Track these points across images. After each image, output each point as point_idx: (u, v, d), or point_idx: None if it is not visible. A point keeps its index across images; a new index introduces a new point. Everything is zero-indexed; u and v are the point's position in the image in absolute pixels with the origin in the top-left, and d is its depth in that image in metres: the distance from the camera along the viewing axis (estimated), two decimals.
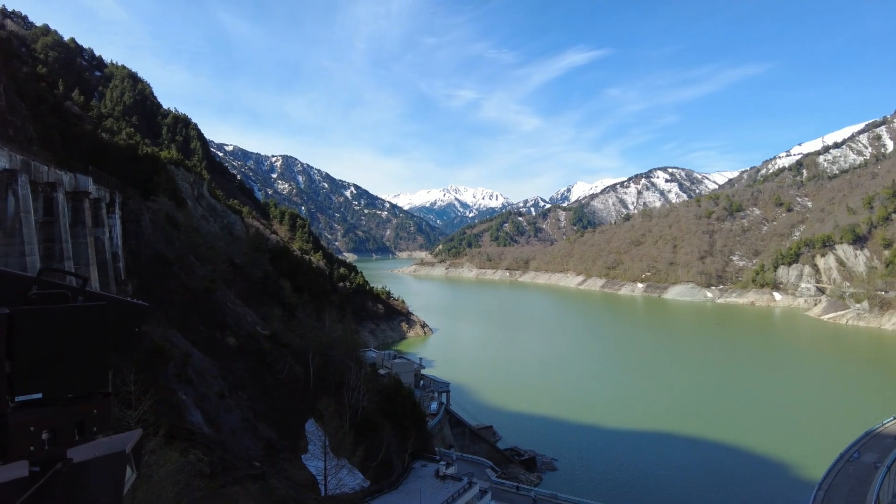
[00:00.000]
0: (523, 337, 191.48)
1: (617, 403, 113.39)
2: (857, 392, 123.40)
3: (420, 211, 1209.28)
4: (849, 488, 43.13)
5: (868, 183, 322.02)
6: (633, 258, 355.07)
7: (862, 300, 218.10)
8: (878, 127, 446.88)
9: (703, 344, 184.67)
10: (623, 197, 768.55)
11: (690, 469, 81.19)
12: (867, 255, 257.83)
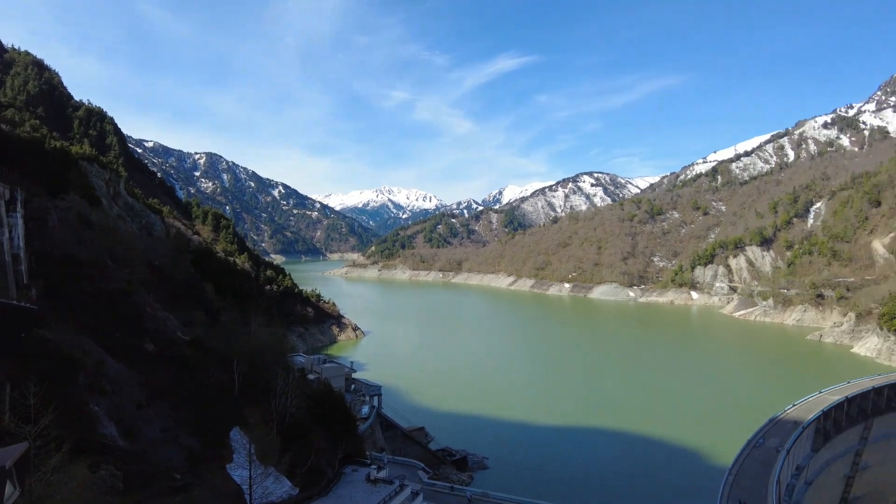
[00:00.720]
0: (456, 338, 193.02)
1: (545, 400, 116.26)
2: (763, 382, 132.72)
3: (352, 212, 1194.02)
4: (755, 471, 46.17)
5: (773, 189, 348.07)
6: (560, 259, 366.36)
7: (768, 298, 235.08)
8: (782, 138, 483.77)
9: (626, 341, 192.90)
10: (552, 200, 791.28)
11: (614, 460, 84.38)
12: (773, 256, 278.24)
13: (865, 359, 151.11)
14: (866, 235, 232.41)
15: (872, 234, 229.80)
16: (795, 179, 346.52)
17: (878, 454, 68.24)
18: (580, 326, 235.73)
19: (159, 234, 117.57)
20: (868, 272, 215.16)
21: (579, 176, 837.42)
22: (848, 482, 65.70)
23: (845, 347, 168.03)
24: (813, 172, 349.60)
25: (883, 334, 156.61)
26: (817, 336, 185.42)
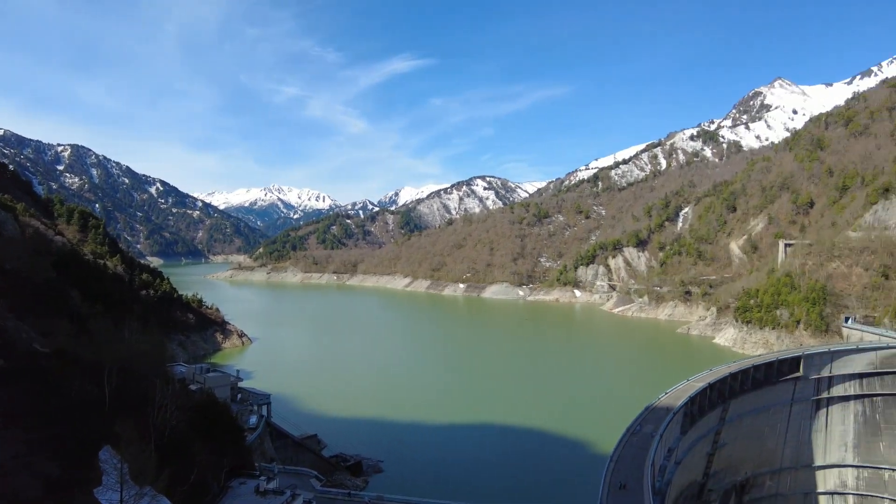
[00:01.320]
0: (349, 341, 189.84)
1: (439, 398, 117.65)
2: (641, 372, 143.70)
3: (238, 211, 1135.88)
4: (633, 456, 49.50)
5: (648, 195, 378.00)
6: (455, 260, 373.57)
7: (643, 295, 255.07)
8: (656, 148, 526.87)
9: (516, 338, 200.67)
10: (447, 202, 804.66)
11: (505, 454, 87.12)
12: (647, 256, 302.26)
13: (724, 348, 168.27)
14: (725, 237, 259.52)
15: (730, 237, 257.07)
16: (667, 186, 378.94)
17: (732, 432, 76.18)
18: (473, 325, 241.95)
19: (12, 234, 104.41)
20: (727, 270, 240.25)
21: (473, 179, 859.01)
22: (709, 459, 72.68)
23: (708, 338, 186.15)
24: (682, 180, 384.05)
25: (738, 326, 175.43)
26: (686, 329, 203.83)
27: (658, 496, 46.58)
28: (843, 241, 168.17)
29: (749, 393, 78.39)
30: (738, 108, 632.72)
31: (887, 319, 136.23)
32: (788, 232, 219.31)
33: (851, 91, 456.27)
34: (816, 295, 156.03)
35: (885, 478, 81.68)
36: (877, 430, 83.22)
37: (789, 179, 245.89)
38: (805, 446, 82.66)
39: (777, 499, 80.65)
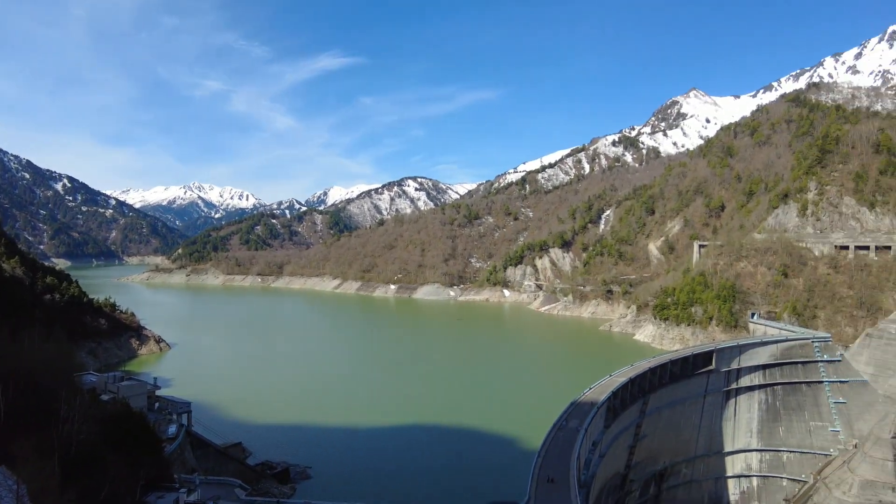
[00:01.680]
0: (275, 345, 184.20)
1: (369, 401, 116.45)
2: (567, 369, 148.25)
3: (156, 210, 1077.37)
4: (559, 451, 50.80)
5: (573, 198, 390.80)
6: (386, 261, 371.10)
7: (568, 294, 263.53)
8: (580, 153, 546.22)
9: (447, 338, 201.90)
10: (377, 203, 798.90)
11: (436, 454, 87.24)
12: (572, 256, 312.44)
13: (644, 344, 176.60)
14: (644, 239, 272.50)
15: (648, 238, 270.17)
16: (590, 189, 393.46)
17: (652, 425, 79.98)
18: (404, 326, 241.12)
19: None
20: (646, 270, 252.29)
21: (404, 180, 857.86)
22: (631, 451, 75.92)
23: (629, 335, 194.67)
24: (604, 184, 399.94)
25: (656, 323, 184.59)
26: (608, 326, 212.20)
27: (583, 489, 48.01)
28: (749, 243, 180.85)
29: (667, 386, 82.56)
30: (657, 116, 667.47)
31: (787, 314, 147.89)
32: (702, 234, 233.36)
33: (756, 103, 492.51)
34: (727, 293, 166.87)
35: (783, 459, 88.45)
36: (777, 416, 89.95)
37: (703, 184, 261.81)
38: (716, 434, 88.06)
39: (692, 485, 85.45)
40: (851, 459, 78.61)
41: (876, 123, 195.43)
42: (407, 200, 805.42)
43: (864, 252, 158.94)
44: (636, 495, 77.31)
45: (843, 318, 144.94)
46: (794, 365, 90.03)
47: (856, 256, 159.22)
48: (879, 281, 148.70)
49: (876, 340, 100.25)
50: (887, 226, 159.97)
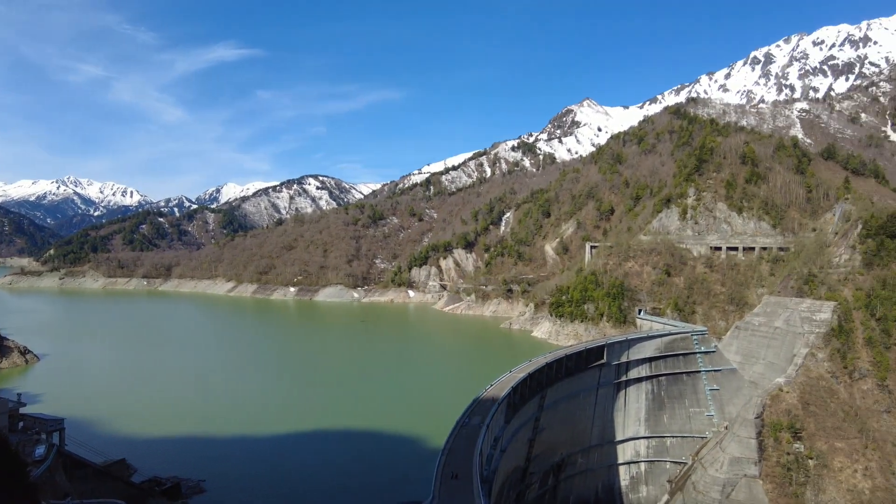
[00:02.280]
0: (164, 354, 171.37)
1: (269, 409, 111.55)
2: (471, 366, 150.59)
3: (21, 206, 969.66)
4: (463, 447, 51.09)
5: (475, 200, 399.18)
6: (285, 262, 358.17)
7: (471, 294, 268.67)
8: (482, 156, 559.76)
9: (351, 341, 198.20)
10: (276, 201, 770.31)
11: (341, 460, 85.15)
12: (474, 257, 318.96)
13: (541, 340, 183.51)
14: (541, 240, 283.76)
15: (545, 239, 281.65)
16: (492, 192, 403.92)
17: (550, 417, 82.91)
18: (305, 330, 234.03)
19: None
20: (543, 270, 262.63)
21: (305, 178, 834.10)
22: (530, 444, 78.18)
23: (527, 332, 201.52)
24: (504, 187, 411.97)
25: (552, 320, 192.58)
26: (508, 324, 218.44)
27: (486, 484, 48.51)
28: (636, 244, 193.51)
29: (563, 380, 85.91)
30: (553, 124, 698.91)
31: (669, 310, 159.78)
32: (594, 235, 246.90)
33: (643, 114, 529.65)
34: (616, 291, 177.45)
35: (667, 444, 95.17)
36: (661, 405, 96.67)
37: (594, 189, 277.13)
38: (609, 424, 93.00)
39: (587, 474, 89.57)
40: (723, 440, 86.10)
41: (742, 137, 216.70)
42: (308, 199, 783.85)
43: (734, 252, 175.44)
44: (536, 487, 79.72)
45: (717, 312, 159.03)
46: (676, 357, 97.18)
47: (727, 256, 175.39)
48: (746, 278, 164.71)
49: (743, 332, 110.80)
50: (752, 229, 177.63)
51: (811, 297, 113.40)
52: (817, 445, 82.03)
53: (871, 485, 77.40)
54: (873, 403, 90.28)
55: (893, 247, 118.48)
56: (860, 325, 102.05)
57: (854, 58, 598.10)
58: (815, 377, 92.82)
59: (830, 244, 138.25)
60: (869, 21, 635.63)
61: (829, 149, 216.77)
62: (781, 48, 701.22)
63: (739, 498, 78.27)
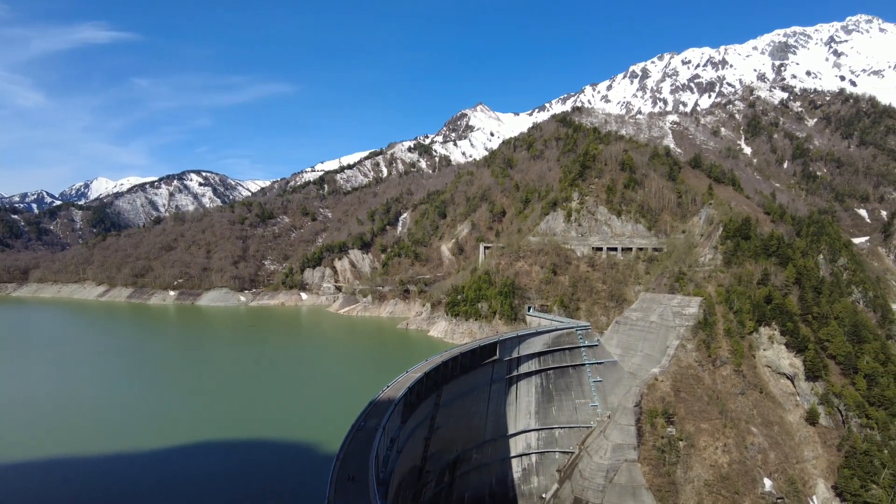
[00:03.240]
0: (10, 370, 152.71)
1: (147, 422, 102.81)
2: (367, 369, 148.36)
3: None
4: (359, 452, 49.97)
5: (371, 200, 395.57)
6: (164, 264, 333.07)
7: (367, 295, 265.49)
8: (378, 156, 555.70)
9: (239, 347, 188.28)
10: (153, 198, 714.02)
11: (228, 473, 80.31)
12: (371, 258, 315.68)
13: (438, 339, 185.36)
14: (437, 241, 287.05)
15: (441, 240, 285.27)
16: (388, 192, 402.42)
17: (446, 415, 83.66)
18: (188, 336, 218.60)
19: None
20: (439, 270, 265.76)
21: (187, 174, 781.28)
22: (427, 443, 78.34)
23: (424, 332, 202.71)
24: (401, 188, 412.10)
25: (448, 319, 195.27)
26: (405, 324, 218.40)
27: (382, 486, 47.79)
28: (526, 245, 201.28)
29: (458, 378, 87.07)
30: (448, 127, 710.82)
31: (556, 307, 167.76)
32: (487, 236, 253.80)
33: (532, 121, 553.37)
34: (508, 289, 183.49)
35: (556, 435, 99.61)
36: (550, 397, 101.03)
37: (487, 191, 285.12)
38: (501, 419, 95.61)
39: (482, 469, 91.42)
40: (606, 428, 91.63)
41: (622, 145, 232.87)
42: (189, 196, 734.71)
43: (613, 253, 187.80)
44: (432, 485, 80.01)
45: (599, 308, 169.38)
46: (562, 351, 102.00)
47: (607, 256, 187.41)
48: (624, 276, 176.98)
49: (622, 326, 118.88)
50: (630, 231, 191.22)
51: (681, 293, 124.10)
52: (686, 428, 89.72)
53: (729, 459, 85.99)
54: (731, 387, 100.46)
55: (747, 247, 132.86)
56: (721, 317, 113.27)
57: (715, 78, 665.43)
58: (685, 366, 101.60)
59: (697, 245, 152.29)
60: (726, 46, 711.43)
61: (695, 158, 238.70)
62: (656, 64, 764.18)
63: (621, 481, 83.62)
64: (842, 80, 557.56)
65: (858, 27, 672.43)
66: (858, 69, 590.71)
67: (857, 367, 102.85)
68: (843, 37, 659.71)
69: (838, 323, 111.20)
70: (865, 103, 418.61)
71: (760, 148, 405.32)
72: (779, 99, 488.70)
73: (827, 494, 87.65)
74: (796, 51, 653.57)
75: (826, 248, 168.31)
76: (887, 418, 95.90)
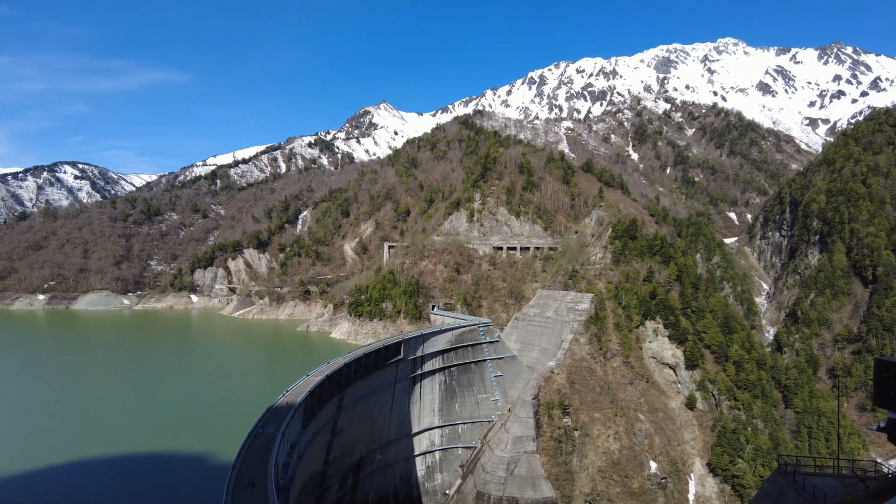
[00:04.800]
0: None
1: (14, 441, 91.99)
2: (265, 374, 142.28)
3: None
4: (257, 460, 47.77)
5: (269, 197, 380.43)
6: (32, 265, 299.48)
7: (264, 296, 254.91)
8: (276, 150, 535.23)
9: (122, 355, 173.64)
10: (18, 192, 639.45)
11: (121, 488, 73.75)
12: (268, 257, 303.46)
13: (340, 341, 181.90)
14: (340, 240, 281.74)
15: (344, 239, 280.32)
16: (287, 189, 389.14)
17: (348, 417, 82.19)
18: (62, 344, 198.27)
19: None
20: (341, 270, 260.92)
21: (59, 165, 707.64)
22: (329, 447, 76.48)
23: (326, 333, 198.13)
24: (301, 184, 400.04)
25: (351, 319, 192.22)
26: (306, 327, 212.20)
27: (282, 494, 45.99)
28: (430, 244, 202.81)
29: (362, 379, 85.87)
30: (351, 123, 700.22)
31: (459, 305, 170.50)
32: (391, 235, 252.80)
33: (436, 122, 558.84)
34: (412, 289, 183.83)
35: (459, 431, 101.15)
36: (453, 394, 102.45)
37: (392, 190, 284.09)
38: (405, 418, 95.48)
39: (386, 469, 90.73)
40: (506, 422, 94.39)
41: (520, 149, 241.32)
42: (63, 190, 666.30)
43: (513, 252, 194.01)
44: (335, 489, 78.25)
45: (500, 305, 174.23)
46: (465, 348, 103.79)
47: (507, 255, 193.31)
48: (523, 275, 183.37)
49: (521, 322, 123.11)
50: (528, 231, 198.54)
51: (574, 290, 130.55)
52: (581, 418, 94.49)
53: (619, 445, 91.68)
54: (621, 378, 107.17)
55: (634, 247, 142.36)
56: (611, 312, 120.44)
57: (606, 87, 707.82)
58: (579, 359, 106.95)
59: (589, 244, 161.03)
60: (617, 58, 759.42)
61: (588, 163, 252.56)
62: (553, 72, 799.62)
63: (521, 473, 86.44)
64: (715, 95, 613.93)
65: (728, 49, 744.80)
66: (728, 86, 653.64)
67: (727, 356, 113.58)
68: (715, 56, 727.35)
69: (713, 316, 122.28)
70: (734, 117, 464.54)
71: (646, 154, 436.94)
72: (662, 109, 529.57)
73: (703, 471, 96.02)
74: (677, 66, 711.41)
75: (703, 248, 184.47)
76: (751, 399, 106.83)
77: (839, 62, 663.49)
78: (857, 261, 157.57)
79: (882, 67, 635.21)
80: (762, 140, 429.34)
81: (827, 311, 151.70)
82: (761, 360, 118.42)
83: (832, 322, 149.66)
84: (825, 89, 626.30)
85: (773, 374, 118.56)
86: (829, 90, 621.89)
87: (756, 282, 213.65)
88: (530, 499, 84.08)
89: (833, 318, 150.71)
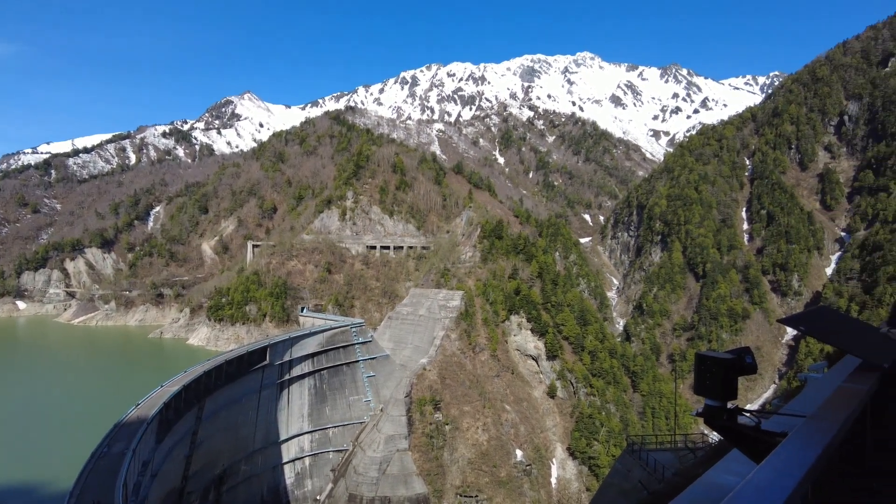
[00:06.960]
0: None
1: None
2: (111, 388, 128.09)
3: None
4: (99, 483, 42.83)
5: (115, 190, 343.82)
6: None
7: (110, 301, 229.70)
8: (124, 140, 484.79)
9: None
10: None
11: None
12: (115, 258, 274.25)
13: (199, 347, 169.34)
14: (197, 238, 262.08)
15: (202, 238, 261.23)
16: (137, 182, 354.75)
17: (209, 429, 76.81)
18: None
19: None
20: (199, 271, 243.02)
21: None
22: (188, 462, 70.86)
23: (182, 340, 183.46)
24: (153, 178, 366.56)
25: (211, 324, 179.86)
26: (158, 333, 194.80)
27: None
28: (299, 243, 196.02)
29: (224, 388, 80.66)
30: (211, 113, 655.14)
31: (331, 306, 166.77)
32: (256, 234, 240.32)
33: (305, 116, 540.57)
34: (279, 290, 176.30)
35: (330, 435, 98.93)
36: (324, 398, 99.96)
37: (256, 186, 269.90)
38: (273, 426, 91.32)
39: (251, 480, 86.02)
40: (379, 421, 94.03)
41: (393, 148, 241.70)
42: None
43: (386, 251, 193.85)
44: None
45: (373, 305, 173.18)
46: (337, 350, 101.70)
47: (381, 255, 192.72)
48: (397, 273, 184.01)
49: (394, 321, 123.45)
50: (401, 230, 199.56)
51: (446, 287, 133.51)
52: (451, 412, 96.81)
53: (488, 436, 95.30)
54: (489, 371, 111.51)
55: (500, 246, 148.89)
56: (479, 308, 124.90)
57: (475, 92, 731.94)
58: (450, 355, 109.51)
59: (459, 244, 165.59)
60: (486, 64, 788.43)
61: (458, 165, 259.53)
62: (425, 74, 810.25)
63: (394, 471, 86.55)
64: (573, 104, 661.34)
65: (585, 62, 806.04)
66: (585, 97, 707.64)
67: (583, 346, 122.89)
68: (574, 69, 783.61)
69: (570, 310, 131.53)
70: (589, 127, 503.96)
71: (511, 159, 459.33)
72: (526, 116, 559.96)
73: (563, 455, 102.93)
74: (541, 75, 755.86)
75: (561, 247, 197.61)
76: (604, 386, 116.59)
77: (676, 81, 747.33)
78: (691, 258, 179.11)
79: (710, 90, 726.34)
80: (614, 148, 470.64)
81: (667, 304, 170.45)
82: (613, 349, 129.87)
83: (671, 313, 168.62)
84: (666, 105, 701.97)
85: (623, 361, 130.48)
86: (669, 106, 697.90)
87: (608, 278, 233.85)
88: (402, 496, 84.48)
89: (672, 309, 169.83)
